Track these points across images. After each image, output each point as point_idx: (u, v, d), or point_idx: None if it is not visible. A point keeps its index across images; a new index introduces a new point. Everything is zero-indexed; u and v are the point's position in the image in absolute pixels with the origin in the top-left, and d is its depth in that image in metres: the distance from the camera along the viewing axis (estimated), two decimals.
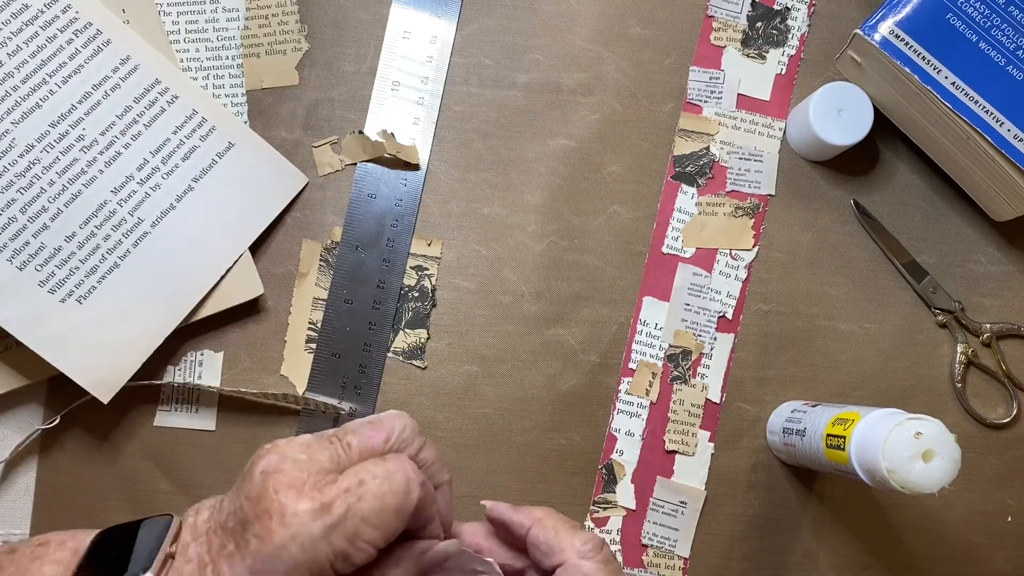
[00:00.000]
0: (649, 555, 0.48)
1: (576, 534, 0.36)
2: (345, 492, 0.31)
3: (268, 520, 0.30)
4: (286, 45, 0.50)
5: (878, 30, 0.46)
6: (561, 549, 0.35)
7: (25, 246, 0.43)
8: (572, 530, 0.36)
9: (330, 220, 0.49)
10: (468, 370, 0.49)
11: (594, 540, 0.35)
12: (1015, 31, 0.45)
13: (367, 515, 0.31)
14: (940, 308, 0.50)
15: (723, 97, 0.51)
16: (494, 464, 0.48)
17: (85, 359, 0.43)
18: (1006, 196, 0.47)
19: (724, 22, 0.52)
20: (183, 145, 0.46)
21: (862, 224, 0.51)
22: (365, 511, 0.30)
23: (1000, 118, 0.45)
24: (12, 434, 0.46)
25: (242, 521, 0.31)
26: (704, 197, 0.50)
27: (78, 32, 0.45)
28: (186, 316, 0.45)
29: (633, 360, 0.49)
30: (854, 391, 0.50)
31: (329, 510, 0.30)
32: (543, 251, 0.50)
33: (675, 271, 0.50)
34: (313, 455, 0.32)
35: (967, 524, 0.49)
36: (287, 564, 0.29)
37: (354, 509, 0.30)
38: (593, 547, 0.35)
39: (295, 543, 0.29)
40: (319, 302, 0.48)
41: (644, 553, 0.48)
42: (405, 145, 0.49)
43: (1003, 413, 0.50)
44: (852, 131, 0.47)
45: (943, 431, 0.36)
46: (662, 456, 0.49)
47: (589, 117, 0.50)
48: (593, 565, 0.34)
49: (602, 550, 0.35)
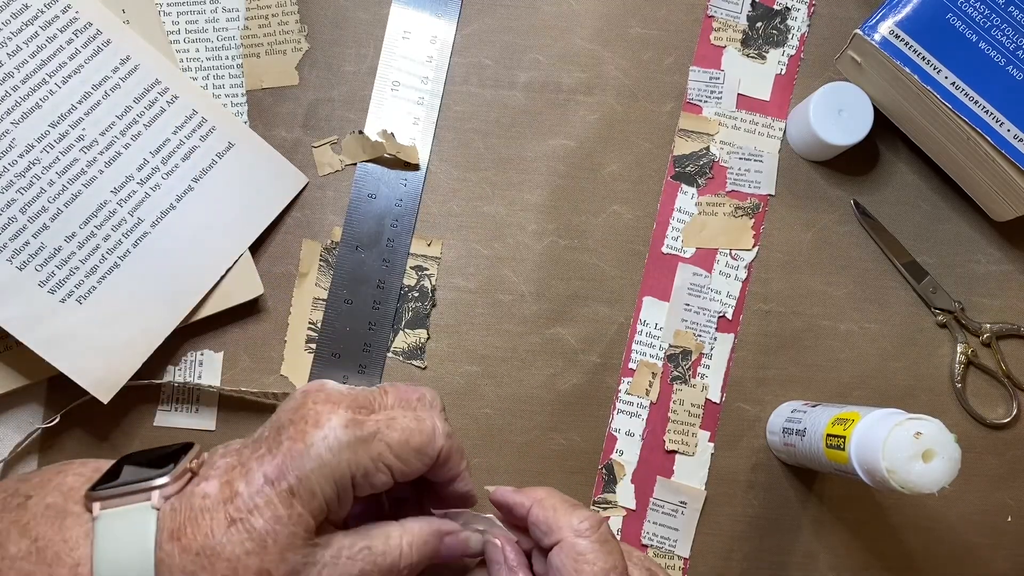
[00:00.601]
0: (649, 555, 0.48)
1: (574, 512, 0.36)
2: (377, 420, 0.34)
3: (303, 424, 0.33)
4: (286, 45, 0.50)
5: (878, 30, 0.46)
6: (559, 527, 0.35)
7: (25, 246, 0.43)
8: (571, 509, 0.36)
9: (330, 220, 0.49)
10: (468, 370, 0.49)
11: (592, 518, 0.35)
12: (1015, 31, 0.45)
13: (392, 444, 0.33)
14: (940, 308, 0.50)
15: (723, 97, 0.51)
16: (494, 464, 0.48)
17: (85, 359, 0.43)
18: (1006, 196, 0.47)
19: (724, 22, 0.52)
20: (183, 145, 0.46)
21: (862, 224, 0.51)
22: (392, 440, 0.33)
23: (1000, 118, 0.45)
24: (12, 434, 0.46)
25: (277, 427, 0.33)
26: (704, 197, 0.50)
27: (78, 32, 0.45)
28: (186, 316, 0.46)
29: (633, 360, 0.49)
30: (854, 391, 0.50)
31: (361, 426, 0.33)
32: (543, 251, 0.50)
33: (675, 271, 0.50)
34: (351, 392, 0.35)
35: (967, 524, 0.49)
36: (314, 462, 0.32)
37: (383, 434, 0.33)
38: (590, 525, 0.35)
39: (324, 443, 0.32)
40: (319, 302, 0.48)
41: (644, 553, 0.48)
42: (405, 145, 0.49)
43: (1003, 413, 0.50)
44: (852, 131, 0.47)
45: (943, 431, 0.36)
46: (662, 456, 0.49)
47: (589, 117, 0.51)
48: (588, 544, 0.34)
49: (599, 528, 0.35)
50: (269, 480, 0.32)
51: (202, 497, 0.32)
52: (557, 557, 0.35)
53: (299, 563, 0.32)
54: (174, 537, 0.31)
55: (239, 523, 0.31)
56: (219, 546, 0.31)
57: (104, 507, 0.33)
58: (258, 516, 0.31)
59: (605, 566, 0.34)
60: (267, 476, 0.32)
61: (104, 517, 0.33)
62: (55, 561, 0.32)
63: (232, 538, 0.31)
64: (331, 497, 0.32)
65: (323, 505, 0.32)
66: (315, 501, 0.32)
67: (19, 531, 0.33)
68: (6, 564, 0.32)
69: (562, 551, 0.35)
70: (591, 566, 0.34)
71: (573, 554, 0.34)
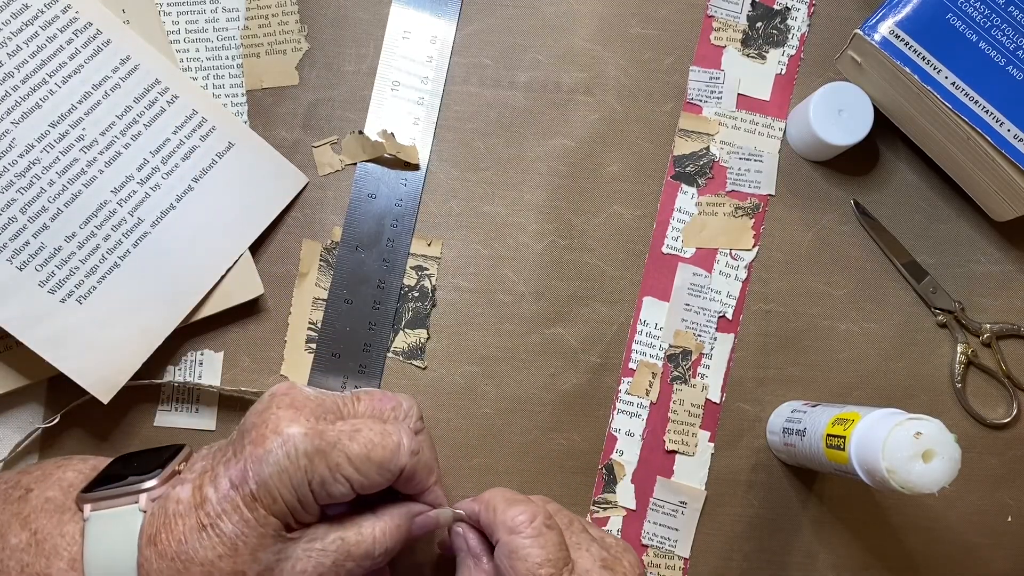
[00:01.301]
0: (649, 555, 0.48)
1: (510, 508, 0.35)
2: (340, 431, 0.33)
3: (264, 428, 0.33)
4: (286, 45, 0.50)
5: (878, 30, 0.46)
6: (497, 526, 0.35)
7: (25, 246, 0.43)
8: (508, 505, 0.35)
9: (330, 220, 0.49)
10: (468, 370, 0.49)
11: (527, 512, 0.35)
12: (1015, 31, 0.45)
13: (352, 456, 0.33)
14: (940, 308, 0.50)
15: (723, 97, 0.51)
16: (494, 464, 0.48)
17: (85, 359, 0.43)
18: (1006, 196, 0.47)
19: (724, 22, 0.52)
20: (183, 145, 0.46)
21: (862, 224, 0.51)
22: (352, 452, 0.33)
23: (1000, 118, 0.45)
24: (12, 434, 0.46)
25: (243, 432, 0.34)
26: (704, 197, 0.50)
27: (78, 32, 0.45)
28: (186, 316, 0.45)
29: (633, 360, 0.49)
30: (854, 391, 0.50)
31: (321, 435, 0.33)
32: (543, 251, 0.50)
33: (675, 271, 0.50)
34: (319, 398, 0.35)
35: (967, 524, 0.49)
36: (273, 468, 0.32)
37: (343, 445, 0.33)
38: (525, 519, 0.34)
39: (283, 450, 0.32)
40: (319, 302, 0.48)
41: (644, 553, 0.48)
42: (405, 145, 0.49)
43: (1003, 413, 0.50)
44: (852, 131, 0.47)
45: (943, 431, 0.36)
46: (662, 456, 0.49)
47: (589, 117, 0.51)
48: (521, 540, 0.34)
49: (533, 521, 0.34)
50: (234, 485, 0.32)
51: (176, 502, 0.33)
52: (497, 555, 0.35)
53: (272, 560, 0.32)
54: (152, 542, 0.32)
55: (209, 528, 0.32)
56: (192, 551, 0.32)
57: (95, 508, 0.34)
58: (227, 520, 0.32)
59: (538, 560, 0.33)
60: (232, 481, 0.32)
61: (94, 519, 0.33)
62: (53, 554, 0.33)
63: (204, 543, 0.32)
64: (291, 502, 0.33)
65: (285, 509, 0.33)
66: (277, 505, 0.32)
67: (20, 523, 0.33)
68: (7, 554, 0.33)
69: (500, 549, 0.35)
70: (523, 562, 0.33)
71: (507, 551, 0.34)
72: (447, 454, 0.48)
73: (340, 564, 0.34)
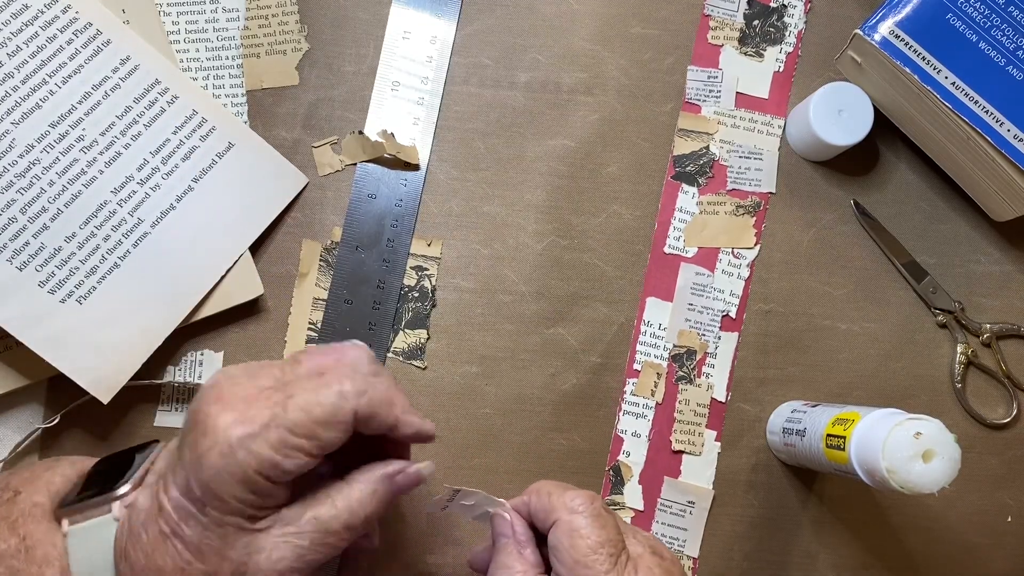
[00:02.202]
0: None
1: (567, 493, 0.36)
2: (273, 404, 0.32)
3: (195, 431, 0.31)
4: (286, 45, 0.50)
5: (878, 30, 0.46)
6: (554, 508, 0.36)
7: (25, 246, 0.43)
8: (564, 491, 0.36)
9: (330, 220, 0.49)
10: (468, 370, 0.49)
11: (584, 496, 0.36)
12: (1015, 31, 0.45)
13: (292, 425, 0.31)
14: (940, 308, 0.50)
15: (722, 96, 0.51)
16: (494, 464, 0.48)
17: (85, 359, 0.43)
18: (1006, 196, 0.47)
19: (721, 20, 0.52)
20: (183, 145, 0.46)
21: (862, 224, 0.51)
22: (290, 421, 0.31)
23: (1000, 118, 0.45)
24: (12, 434, 0.46)
25: (182, 435, 0.33)
26: (705, 196, 0.50)
27: (78, 32, 0.45)
28: (186, 316, 0.45)
29: (637, 361, 0.49)
30: (854, 391, 0.50)
31: (251, 421, 0.31)
32: (543, 251, 0.50)
33: (678, 271, 0.50)
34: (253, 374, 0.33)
35: (967, 524, 0.49)
36: (211, 471, 0.31)
37: (279, 418, 0.31)
38: (583, 502, 0.35)
39: (215, 451, 0.31)
40: (319, 302, 0.48)
41: None
42: (405, 145, 0.49)
43: (1003, 413, 0.50)
44: (852, 131, 0.47)
45: (943, 431, 0.36)
46: (669, 456, 0.49)
47: (589, 117, 0.50)
48: (582, 519, 0.35)
49: (592, 504, 0.36)
50: (182, 491, 0.32)
51: (139, 511, 0.32)
52: (554, 536, 0.35)
53: (243, 556, 0.32)
54: (124, 556, 0.32)
55: (171, 537, 0.31)
56: (161, 562, 0.31)
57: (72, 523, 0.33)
58: (185, 527, 0.31)
59: (599, 539, 0.34)
60: (180, 487, 0.32)
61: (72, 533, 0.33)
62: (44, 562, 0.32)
63: (170, 552, 0.31)
64: (243, 497, 0.31)
65: (238, 506, 0.31)
66: (228, 504, 0.31)
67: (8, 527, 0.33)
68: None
69: (558, 529, 0.35)
70: (584, 540, 0.34)
71: (568, 530, 0.35)
72: (447, 454, 0.48)
73: (319, 543, 0.33)
